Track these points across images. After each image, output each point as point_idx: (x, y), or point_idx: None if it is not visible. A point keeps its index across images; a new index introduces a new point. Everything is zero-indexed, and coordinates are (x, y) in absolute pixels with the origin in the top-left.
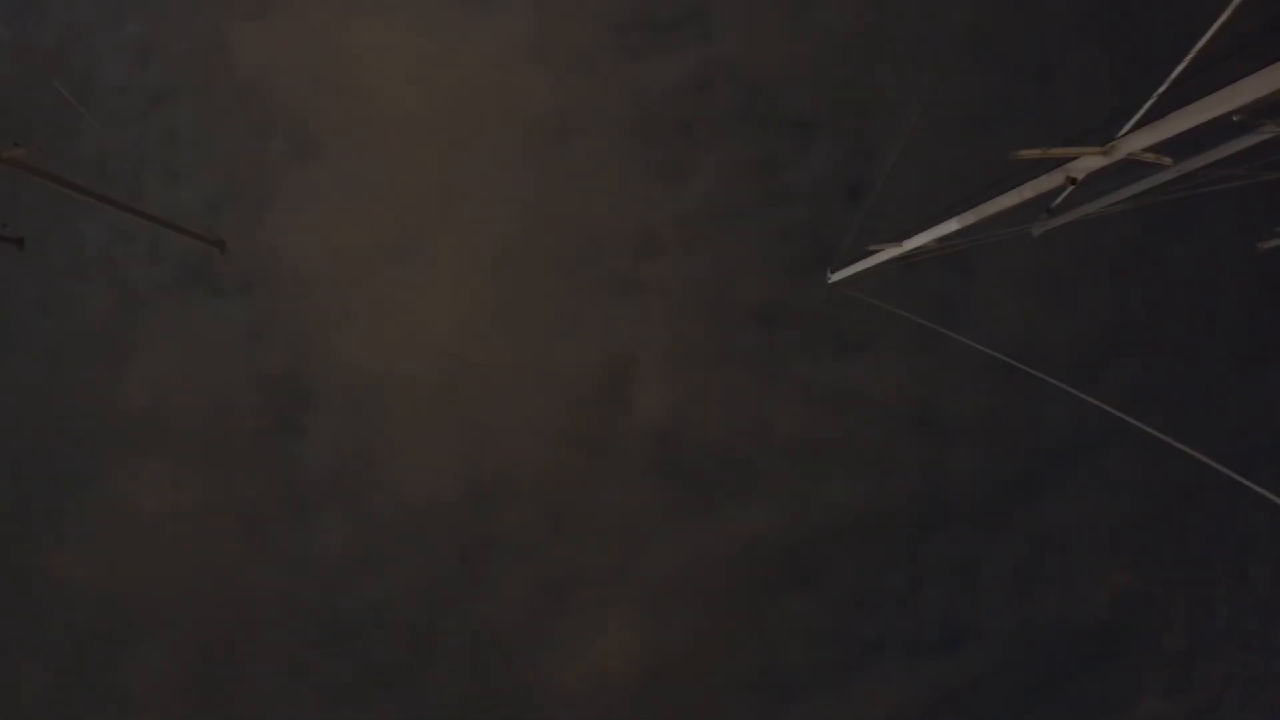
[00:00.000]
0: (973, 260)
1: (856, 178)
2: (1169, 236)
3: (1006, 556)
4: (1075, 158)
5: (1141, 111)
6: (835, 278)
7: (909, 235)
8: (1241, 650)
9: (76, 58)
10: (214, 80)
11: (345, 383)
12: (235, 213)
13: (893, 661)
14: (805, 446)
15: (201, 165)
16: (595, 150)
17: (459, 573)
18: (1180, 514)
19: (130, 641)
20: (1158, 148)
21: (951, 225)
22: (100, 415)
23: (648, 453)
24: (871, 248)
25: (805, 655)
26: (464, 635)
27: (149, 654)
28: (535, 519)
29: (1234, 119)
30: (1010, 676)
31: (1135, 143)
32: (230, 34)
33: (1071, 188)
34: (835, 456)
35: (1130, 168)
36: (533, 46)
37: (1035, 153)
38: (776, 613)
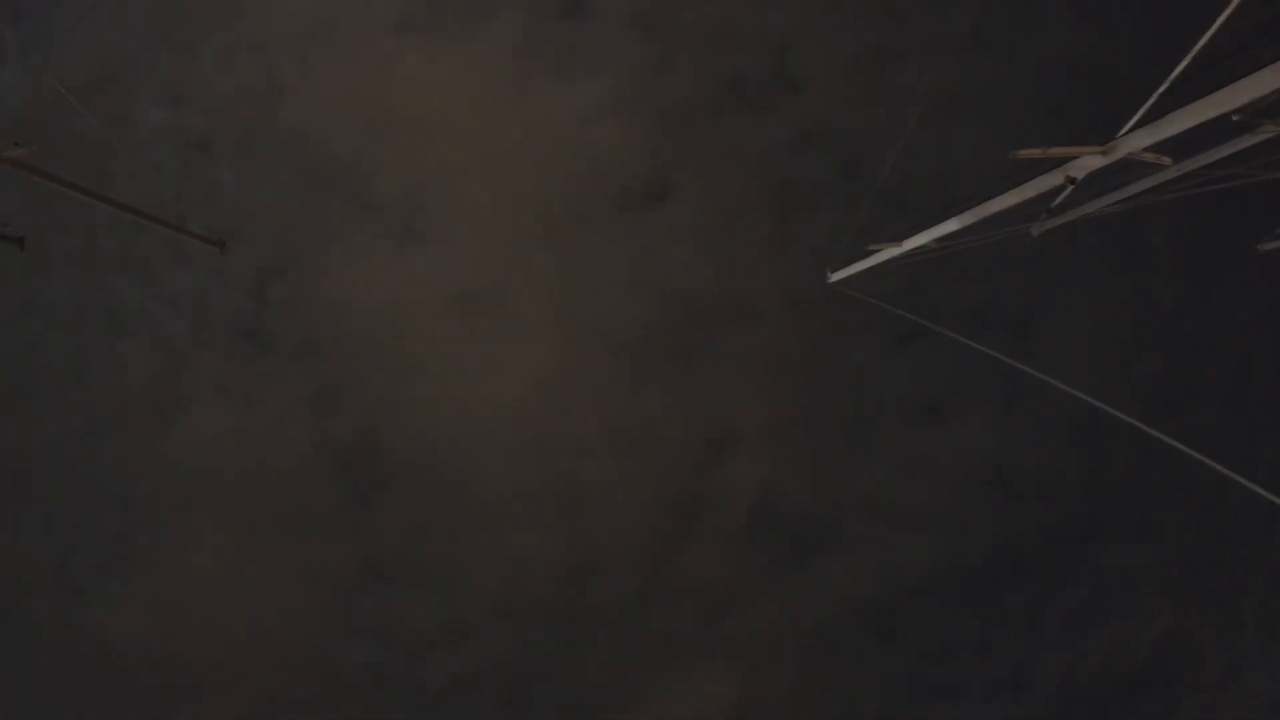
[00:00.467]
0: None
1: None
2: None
3: (1066, 604)
4: (1075, 157)
5: (1141, 111)
6: (835, 278)
7: (909, 235)
8: (1266, 677)
9: (122, 106)
10: (274, 136)
11: (422, 445)
12: (295, 268)
13: (966, 705)
14: (889, 507)
15: (259, 218)
16: (685, 211)
17: (549, 636)
18: (1216, 549)
19: (186, 707)
20: (1158, 148)
21: (951, 225)
22: (147, 476)
23: (737, 515)
24: (871, 247)
25: (886, 702)
26: (555, 696)
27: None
28: (626, 581)
29: (1234, 119)
30: (1066, 712)
31: (1135, 142)
32: (288, 87)
33: (1071, 187)
34: (916, 516)
35: (1130, 168)
36: (616, 104)
37: (1035, 152)
38: (860, 664)
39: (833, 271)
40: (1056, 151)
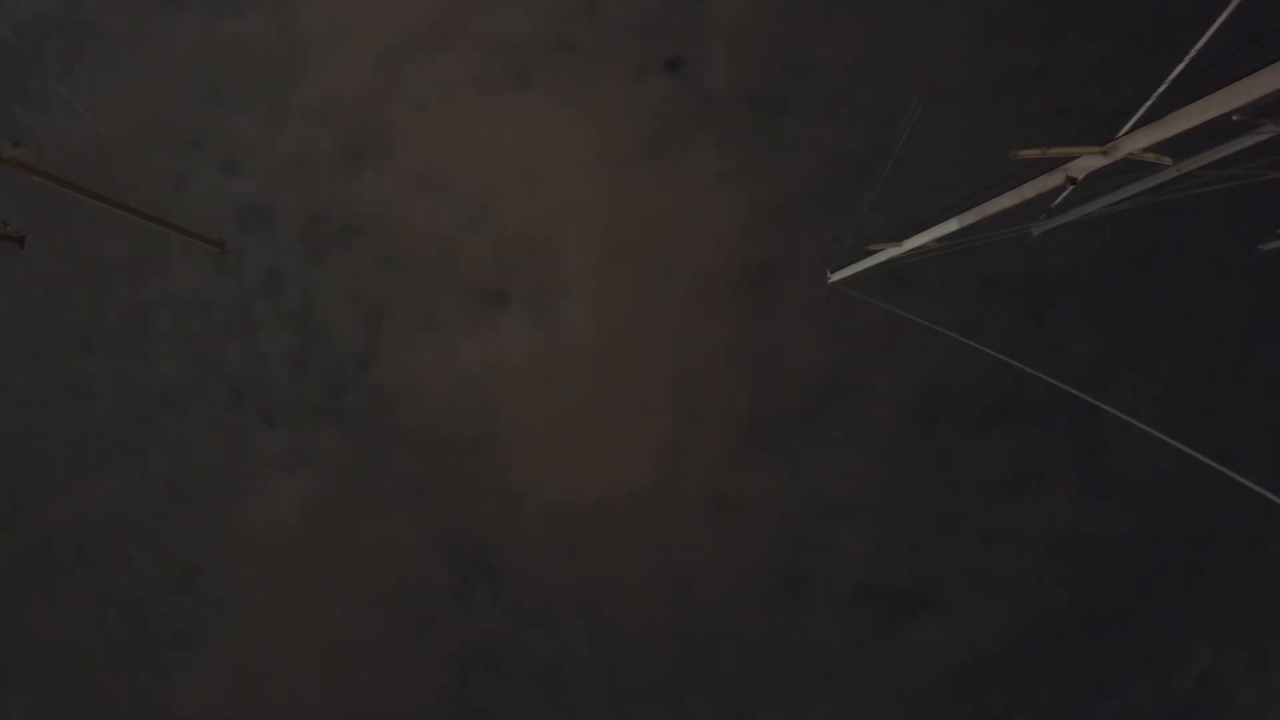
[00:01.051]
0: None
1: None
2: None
3: (1124, 652)
4: (1075, 157)
5: (1141, 111)
6: (835, 277)
7: (909, 235)
8: None
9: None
10: (346, 206)
11: (526, 523)
12: (380, 347)
13: None
14: (976, 574)
15: (335, 299)
16: (794, 289)
17: (659, 712)
18: (1252, 594)
19: None
20: (1158, 148)
21: (951, 225)
22: (224, 553)
23: (839, 585)
24: (871, 247)
25: None
26: None
27: None
28: (732, 654)
29: (1234, 119)
30: None
31: (1135, 143)
32: (361, 152)
33: (1071, 187)
34: (1000, 581)
35: (1130, 168)
36: (722, 178)
37: (1035, 152)
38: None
39: (833, 271)
40: (1056, 151)
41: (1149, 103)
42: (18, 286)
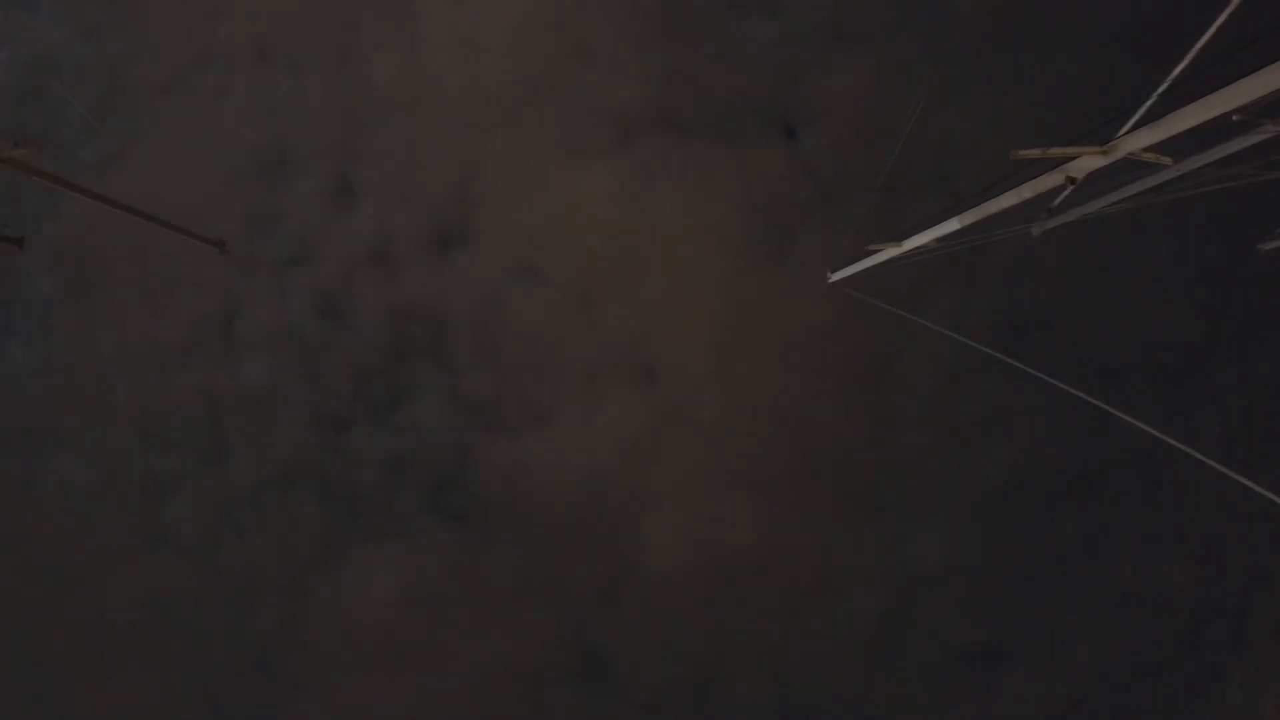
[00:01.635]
0: None
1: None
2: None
3: (1171, 693)
4: (1075, 157)
5: (1141, 111)
6: (835, 277)
7: (909, 235)
8: None
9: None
10: (431, 292)
11: (640, 599)
12: (484, 437)
13: None
14: (1051, 634)
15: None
16: (897, 373)
17: None
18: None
19: None
20: (1158, 147)
21: (951, 225)
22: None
23: (926, 649)
24: (871, 247)
25: None
26: None
27: None
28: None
29: (1234, 119)
30: None
31: (1135, 142)
32: (449, 233)
33: (1071, 187)
34: (1070, 640)
35: (1130, 168)
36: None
37: (1035, 152)
38: None
39: (833, 271)
40: (1056, 151)
41: (1149, 103)
42: (71, 373)
